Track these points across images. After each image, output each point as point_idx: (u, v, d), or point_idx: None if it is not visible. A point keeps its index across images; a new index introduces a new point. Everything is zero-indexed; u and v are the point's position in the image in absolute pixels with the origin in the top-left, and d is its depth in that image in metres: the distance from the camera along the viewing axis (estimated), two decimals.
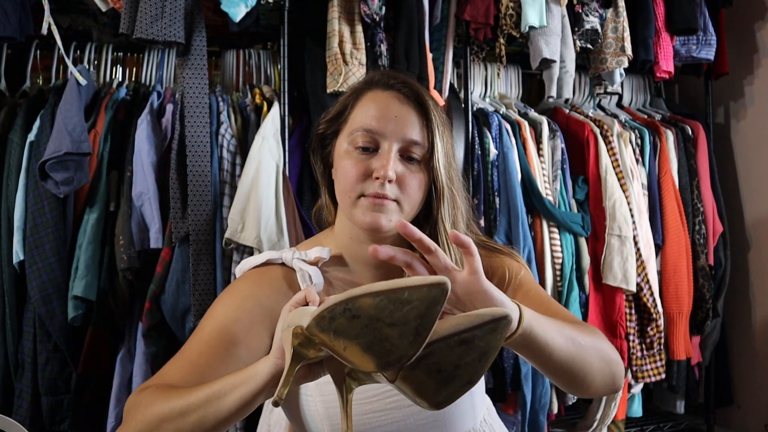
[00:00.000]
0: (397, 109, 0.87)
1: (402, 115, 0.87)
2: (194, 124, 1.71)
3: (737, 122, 2.49)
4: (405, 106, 0.88)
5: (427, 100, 0.89)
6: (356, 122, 0.88)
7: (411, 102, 0.88)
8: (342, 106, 0.92)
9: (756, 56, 2.42)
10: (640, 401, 2.16)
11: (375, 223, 0.84)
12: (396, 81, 0.90)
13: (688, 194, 2.21)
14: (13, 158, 1.65)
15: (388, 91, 0.89)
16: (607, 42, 2.13)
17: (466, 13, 1.95)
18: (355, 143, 0.87)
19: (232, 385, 0.71)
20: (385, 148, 0.86)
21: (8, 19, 1.59)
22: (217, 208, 1.70)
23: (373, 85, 0.91)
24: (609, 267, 2.00)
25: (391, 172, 0.84)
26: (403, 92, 0.89)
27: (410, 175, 0.86)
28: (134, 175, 1.65)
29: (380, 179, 0.84)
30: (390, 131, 0.86)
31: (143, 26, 1.63)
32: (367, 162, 0.86)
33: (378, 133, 0.86)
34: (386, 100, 0.88)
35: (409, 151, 0.87)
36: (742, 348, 2.42)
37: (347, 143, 0.88)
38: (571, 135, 2.12)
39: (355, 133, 0.87)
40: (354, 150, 0.87)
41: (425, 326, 0.55)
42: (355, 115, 0.89)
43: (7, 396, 1.64)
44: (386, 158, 0.85)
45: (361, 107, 0.89)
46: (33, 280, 1.58)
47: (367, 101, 0.89)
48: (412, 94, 0.89)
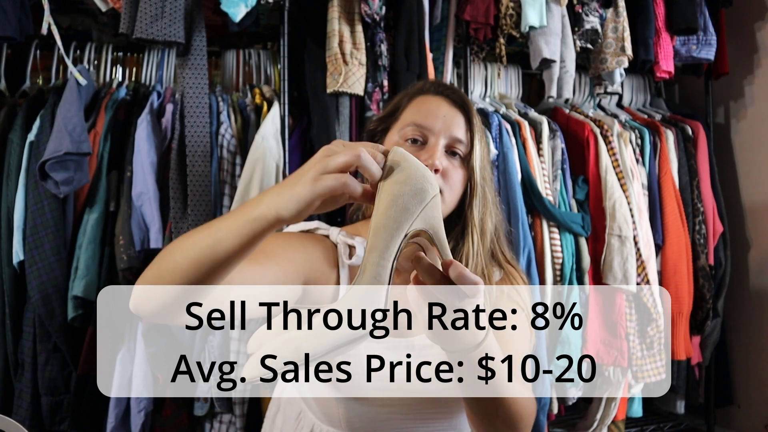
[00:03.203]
0: (446, 111, 0.97)
1: (450, 116, 0.96)
2: (194, 124, 1.71)
3: (737, 122, 2.49)
4: (453, 109, 0.97)
5: (471, 107, 0.99)
6: (408, 118, 0.98)
7: (458, 106, 0.98)
8: (394, 107, 1.02)
9: (756, 56, 2.42)
10: (641, 401, 2.16)
11: None
12: (445, 88, 1.01)
13: (688, 194, 2.21)
14: (13, 158, 1.65)
15: (438, 96, 0.99)
16: (607, 42, 2.13)
17: (466, 13, 1.95)
18: (406, 136, 0.96)
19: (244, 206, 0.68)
20: (433, 142, 0.95)
21: (8, 19, 1.59)
22: (217, 208, 1.70)
23: (425, 91, 1.01)
24: (609, 267, 2.00)
25: (438, 162, 0.92)
26: (451, 98, 0.99)
27: (453, 169, 0.95)
28: (134, 175, 1.65)
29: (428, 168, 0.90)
30: (438, 128, 0.95)
31: (143, 26, 1.64)
32: (416, 154, 0.93)
33: (427, 129, 0.95)
34: (436, 102, 0.98)
35: (453, 147, 0.96)
36: (742, 348, 2.42)
37: (398, 137, 0.97)
38: (571, 135, 2.12)
39: (406, 127, 0.97)
40: (404, 142, 0.96)
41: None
42: (407, 113, 0.99)
43: (7, 396, 1.64)
44: (434, 150, 0.93)
45: (412, 107, 0.99)
46: (33, 280, 1.58)
47: (419, 102, 0.99)
48: (459, 100, 0.99)
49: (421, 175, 0.66)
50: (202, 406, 1.71)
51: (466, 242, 0.95)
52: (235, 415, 1.71)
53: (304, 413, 0.98)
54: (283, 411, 1.03)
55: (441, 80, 1.31)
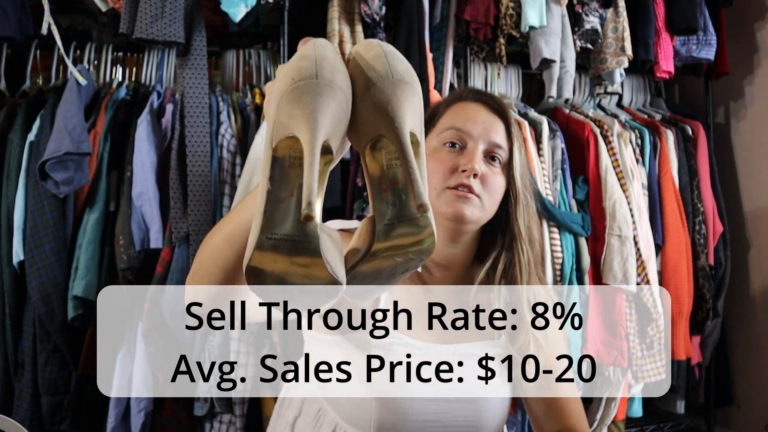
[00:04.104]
0: (485, 117, 0.96)
1: (489, 122, 0.95)
2: (194, 124, 1.71)
3: (737, 122, 2.49)
4: (492, 115, 0.96)
5: (510, 115, 0.98)
6: (447, 123, 0.96)
7: (496, 113, 0.97)
8: (430, 114, 1.01)
9: (756, 56, 2.42)
10: (641, 401, 2.16)
11: (458, 212, 0.89)
12: (483, 95, 1.00)
13: (688, 194, 2.21)
14: (13, 158, 1.65)
15: (476, 102, 0.98)
16: (607, 42, 2.13)
17: (466, 13, 1.95)
18: (444, 140, 0.94)
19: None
20: (472, 146, 0.93)
21: (8, 19, 1.59)
22: (217, 208, 1.70)
23: (463, 98, 1.00)
24: (609, 267, 1.99)
25: (477, 166, 0.90)
26: (489, 104, 0.98)
27: (492, 175, 0.93)
28: (134, 175, 1.65)
29: (467, 172, 0.90)
30: (477, 133, 0.94)
31: (143, 26, 1.64)
32: (455, 158, 0.92)
33: (466, 133, 0.94)
34: (475, 108, 0.97)
35: (492, 152, 0.94)
36: (742, 348, 2.42)
37: (436, 142, 0.95)
38: (571, 135, 2.12)
39: (445, 131, 0.95)
40: (442, 147, 0.94)
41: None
42: (445, 119, 0.97)
43: (7, 396, 1.64)
44: (473, 154, 0.92)
45: (450, 113, 0.98)
46: (33, 280, 1.58)
47: (457, 108, 0.98)
48: (497, 107, 0.98)
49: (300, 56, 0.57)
50: (202, 406, 1.71)
51: (517, 253, 0.95)
52: (235, 415, 1.71)
53: (325, 411, 0.93)
54: (297, 408, 0.98)
55: (479, 89, 1.29)
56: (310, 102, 0.52)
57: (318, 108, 0.52)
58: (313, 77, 0.54)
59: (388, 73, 0.58)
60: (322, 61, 0.56)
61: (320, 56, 0.56)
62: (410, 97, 0.57)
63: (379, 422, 0.87)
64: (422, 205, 0.52)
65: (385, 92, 0.56)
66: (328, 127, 0.53)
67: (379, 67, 0.58)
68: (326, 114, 0.53)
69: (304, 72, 0.54)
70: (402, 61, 0.60)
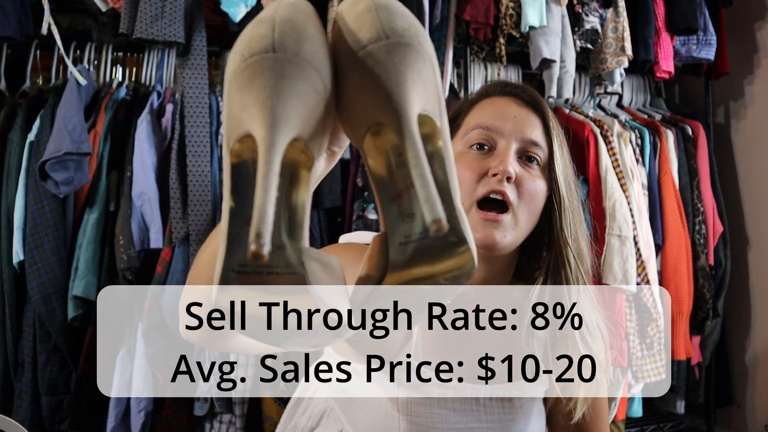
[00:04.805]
0: (516, 111, 0.81)
1: (521, 116, 0.81)
2: (194, 124, 1.71)
3: (737, 122, 2.49)
4: (524, 108, 0.82)
5: (545, 106, 0.84)
6: (472, 122, 0.82)
7: (530, 106, 0.83)
8: (455, 113, 0.87)
9: (756, 56, 2.42)
10: (641, 401, 2.16)
11: (488, 239, 0.76)
12: (513, 87, 0.85)
13: (688, 194, 2.21)
14: (13, 158, 1.65)
15: (505, 96, 0.84)
16: (607, 42, 2.13)
17: (466, 13, 1.95)
18: (470, 142, 0.80)
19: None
20: (503, 146, 0.79)
21: (8, 19, 1.59)
22: (217, 208, 1.70)
23: (489, 94, 0.86)
24: (609, 267, 1.99)
25: (511, 168, 0.76)
26: (521, 96, 0.83)
27: (529, 178, 0.78)
28: (134, 175, 1.65)
29: (498, 175, 0.76)
30: (508, 130, 0.79)
31: (143, 26, 1.64)
32: (484, 162, 0.78)
33: (495, 131, 0.80)
34: (504, 102, 0.83)
35: (528, 152, 0.80)
36: (742, 348, 2.42)
37: (462, 145, 0.81)
38: (571, 135, 2.12)
39: (470, 132, 0.81)
40: (469, 150, 0.80)
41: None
42: (470, 118, 0.83)
43: (7, 396, 1.64)
44: (505, 155, 0.77)
45: (476, 111, 0.84)
46: (33, 280, 1.58)
47: (484, 105, 0.84)
48: (530, 99, 0.83)
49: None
50: (202, 406, 1.71)
51: (565, 270, 0.82)
52: (235, 415, 1.71)
53: (331, 411, 0.86)
54: (314, 419, 0.89)
55: (508, 80, 1.13)
56: (264, 85, 0.37)
57: (276, 93, 0.37)
58: (269, 50, 0.38)
59: (381, 32, 0.40)
60: (284, 25, 0.39)
61: (282, 19, 0.39)
62: (414, 64, 0.40)
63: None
64: (435, 221, 0.36)
65: (378, 60, 0.39)
66: (294, 119, 0.38)
67: (368, 26, 0.40)
68: (289, 100, 0.37)
69: (257, 44, 0.38)
70: (402, 15, 0.42)
